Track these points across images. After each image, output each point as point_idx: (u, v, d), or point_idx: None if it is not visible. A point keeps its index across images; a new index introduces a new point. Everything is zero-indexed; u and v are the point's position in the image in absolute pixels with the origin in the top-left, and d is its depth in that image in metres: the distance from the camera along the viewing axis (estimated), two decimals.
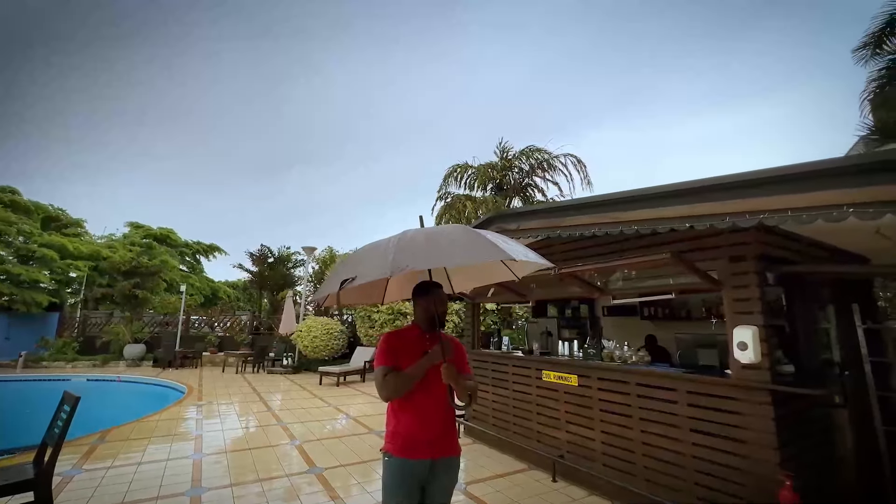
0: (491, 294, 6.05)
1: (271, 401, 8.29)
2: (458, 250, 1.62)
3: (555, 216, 3.56)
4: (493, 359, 5.60)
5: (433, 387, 1.89)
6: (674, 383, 3.42)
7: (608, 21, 58.27)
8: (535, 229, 3.77)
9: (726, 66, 58.00)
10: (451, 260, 1.67)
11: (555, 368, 4.60)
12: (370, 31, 64.12)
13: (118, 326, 16.12)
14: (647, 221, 3.03)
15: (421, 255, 1.56)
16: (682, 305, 6.35)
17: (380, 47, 65.52)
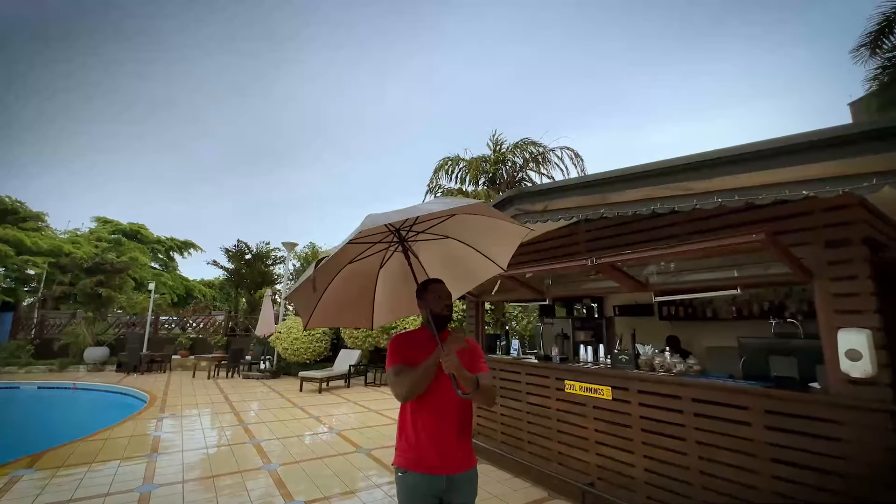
0: (496, 291, 5.31)
1: (245, 412, 7.37)
2: (420, 208, 1.63)
3: (596, 191, 2.85)
4: (502, 365, 4.86)
5: (447, 394, 1.72)
6: (747, 400, 2.74)
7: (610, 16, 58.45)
8: (568, 210, 3.06)
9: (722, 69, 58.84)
10: (409, 213, 1.58)
11: (581, 378, 3.88)
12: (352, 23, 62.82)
13: (79, 328, 14.81)
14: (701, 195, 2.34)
15: (380, 218, 1.52)
16: (705, 304, 5.74)
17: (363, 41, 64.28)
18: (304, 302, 2.05)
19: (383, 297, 2.32)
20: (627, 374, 3.49)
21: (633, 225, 3.54)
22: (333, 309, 2.15)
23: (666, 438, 3.16)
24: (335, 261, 1.95)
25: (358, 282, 2.19)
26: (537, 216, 3.33)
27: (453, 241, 2.14)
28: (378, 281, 2.27)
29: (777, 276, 2.77)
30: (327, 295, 2.09)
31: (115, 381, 10.95)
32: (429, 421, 1.72)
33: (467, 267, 2.25)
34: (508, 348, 5.18)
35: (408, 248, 2.01)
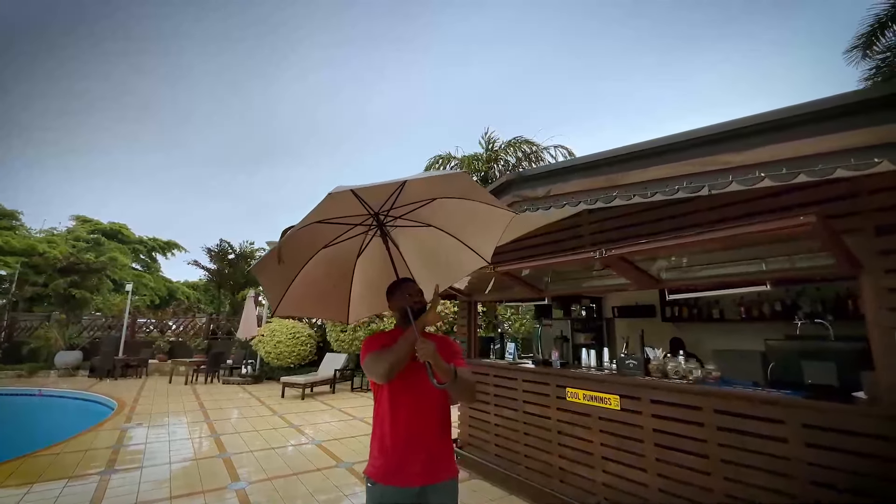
0: (489, 290, 4.92)
1: (219, 420, 6.85)
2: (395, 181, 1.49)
3: (607, 171, 2.46)
4: (496, 371, 4.45)
5: (422, 395, 1.63)
6: (781, 412, 2.37)
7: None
8: (574, 195, 2.67)
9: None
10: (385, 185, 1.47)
11: (585, 386, 3.49)
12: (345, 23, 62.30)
13: (50, 330, 14.06)
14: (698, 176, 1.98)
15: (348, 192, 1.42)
16: (711, 304, 5.41)
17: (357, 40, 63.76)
18: (272, 283, 1.85)
19: (362, 288, 2.12)
20: (638, 381, 3.11)
21: (643, 215, 3.16)
22: (306, 297, 1.96)
23: (684, 455, 2.78)
24: (307, 241, 1.78)
25: (334, 270, 2.01)
26: (539, 203, 2.94)
27: (435, 229, 1.97)
28: (356, 270, 2.08)
29: (813, 270, 2.41)
30: (300, 281, 1.88)
31: (85, 387, 10.30)
32: (405, 422, 1.60)
33: (450, 259, 2.07)
34: (503, 352, 4.78)
35: (387, 232, 1.84)
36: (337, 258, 1.96)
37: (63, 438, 5.55)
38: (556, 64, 67.70)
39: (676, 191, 2.16)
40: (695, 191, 2.10)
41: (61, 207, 51.64)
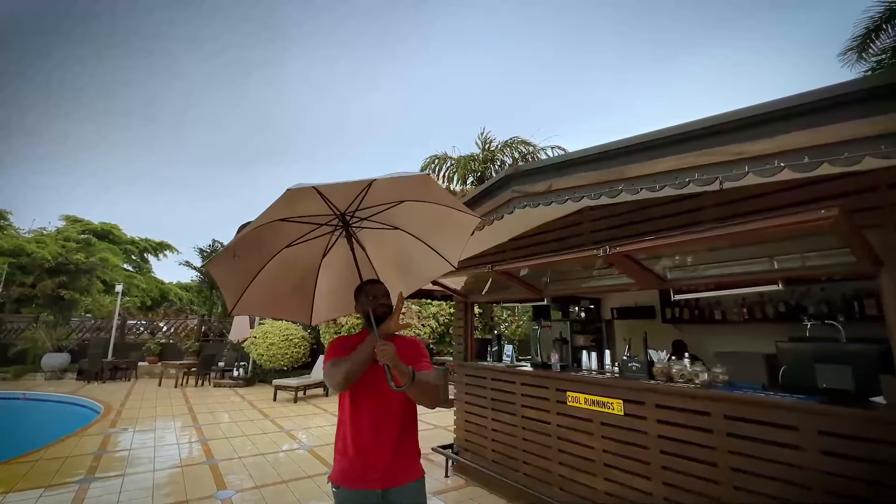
0: (486, 291, 4.78)
1: (208, 425, 6.66)
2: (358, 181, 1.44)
3: (613, 164, 2.33)
4: (494, 374, 4.31)
5: (384, 398, 1.60)
6: (795, 418, 2.25)
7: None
8: (577, 189, 2.54)
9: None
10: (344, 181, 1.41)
11: (586, 390, 3.36)
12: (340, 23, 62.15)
13: (37, 332, 13.76)
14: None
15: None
16: (713, 305, 5.30)
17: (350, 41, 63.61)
18: (229, 281, 1.79)
19: (326, 288, 2.09)
20: (642, 385, 2.98)
21: (648, 211, 3.03)
22: (267, 297, 1.93)
23: (691, 463, 2.65)
24: (268, 239, 1.76)
25: (297, 269, 1.98)
26: (539, 199, 2.81)
27: (402, 232, 1.95)
28: (321, 271, 2.06)
29: (829, 268, 2.30)
30: (261, 279, 1.84)
31: (72, 390, 10.06)
32: (365, 425, 1.59)
33: (417, 262, 2.06)
34: (500, 354, 4.64)
35: (352, 233, 1.81)
36: (300, 258, 1.92)
37: (45, 444, 5.35)
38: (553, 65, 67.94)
39: (687, 183, 2.03)
40: (707, 183, 1.98)
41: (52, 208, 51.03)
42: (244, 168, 71.88)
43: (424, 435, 6.29)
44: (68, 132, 46.87)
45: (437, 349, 11.54)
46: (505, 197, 3.11)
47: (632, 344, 3.79)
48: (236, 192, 68.72)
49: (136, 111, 54.84)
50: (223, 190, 66.86)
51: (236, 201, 66.84)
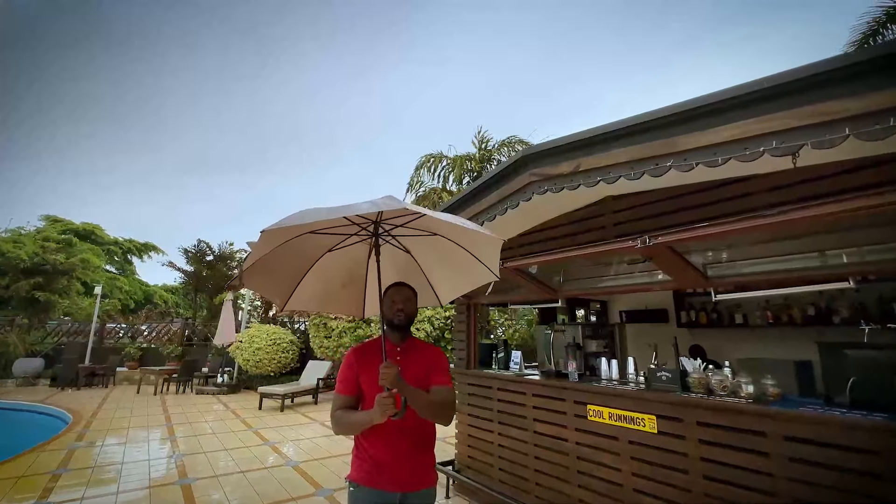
0: (490, 291, 4.37)
1: (185, 437, 6.13)
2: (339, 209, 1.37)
3: (665, 133, 1.93)
4: (500, 383, 3.89)
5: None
6: (879, 443, 1.86)
7: None
8: (612, 168, 2.15)
9: None
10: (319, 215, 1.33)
11: (610, 403, 2.95)
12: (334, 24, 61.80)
13: (9, 336, 13.03)
14: None
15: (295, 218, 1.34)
16: (733, 308, 4.95)
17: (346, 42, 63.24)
18: (272, 285, 1.87)
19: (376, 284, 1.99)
20: (680, 399, 2.58)
21: (682, 200, 2.63)
22: (319, 293, 2.02)
23: (742, 491, 2.25)
24: (308, 245, 1.80)
25: (345, 268, 2.03)
26: (564, 182, 2.41)
27: (443, 238, 1.89)
28: (369, 268, 2.07)
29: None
30: (310, 279, 1.93)
31: (42, 398, 9.42)
32: (384, 431, 1.59)
33: (464, 268, 1.99)
34: (507, 361, 4.23)
35: (383, 241, 1.83)
36: (347, 258, 1.97)
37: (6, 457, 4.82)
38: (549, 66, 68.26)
39: (761, 153, 1.64)
40: (788, 152, 1.59)
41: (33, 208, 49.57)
42: (234, 171, 70.89)
43: None
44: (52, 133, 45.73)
45: None
46: (521, 181, 2.71)
47: (658, 351, 3.38)
48: (225, 195, 67.65)
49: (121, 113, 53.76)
50: (212, 193, 65.80)
51: (225, 205, 65.84)
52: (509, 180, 2.76)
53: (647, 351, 3.99)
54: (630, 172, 2.09)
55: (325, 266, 1.93)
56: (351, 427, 1.60)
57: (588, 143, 2.27)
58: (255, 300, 14.35)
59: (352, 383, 1.67)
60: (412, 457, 1.62)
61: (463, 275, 2.03)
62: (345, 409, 1.64)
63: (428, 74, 70.90)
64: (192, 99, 62.08)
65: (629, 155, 2.09)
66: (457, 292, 2.10)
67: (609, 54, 66.57)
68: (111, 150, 52.48)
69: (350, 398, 1.66)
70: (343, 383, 1.68)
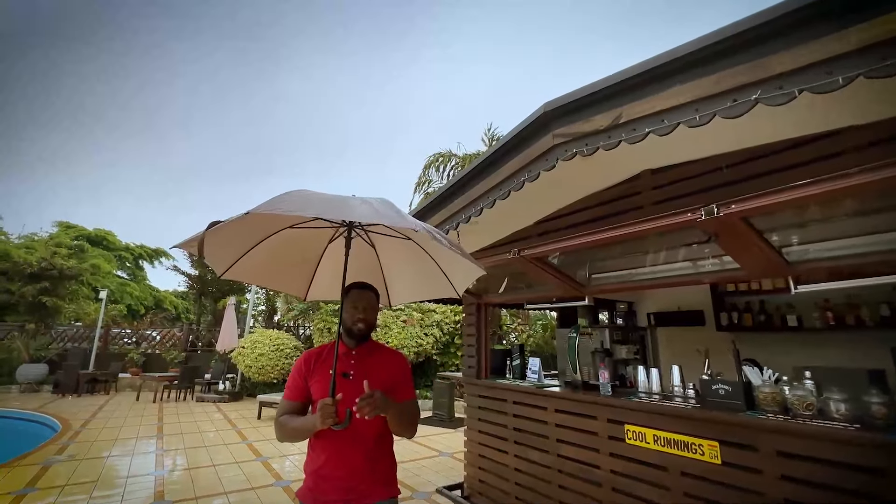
0: (505, 289, 3.84)
1: (173, 450, 5.67)
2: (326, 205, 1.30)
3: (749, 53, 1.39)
4: (517, 396, 3.33)
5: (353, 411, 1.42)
6: None
7: None
8: (672, 110, 1.60)
9: None
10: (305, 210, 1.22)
11: (655, 423, 2.38)
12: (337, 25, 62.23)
13: (14, 341, 12.88)
14: None
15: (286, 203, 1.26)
16: (784, 309, 4.30)
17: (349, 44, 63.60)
18: (220, 249, 1.71)
19: (329, 270, 2.07)
20: (754, 421, 1.99)
21: (746, 167, 2.06)
22: (263, 266, 1.89)
23: None
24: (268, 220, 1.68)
25: (300, 247, 1.93)
26: (600, 139, 1.87)
27: (414, 244, 1.83)
28: (325, 252, 2.02)
29: None
30: (259, 250, 1.79)
31: (38, 405, 9.10)
32: (333, 440, 1.47)
33: (426, 276, 1.95)
34: (523, 370, 3.66)
35: (356, 235, 1.74)
36: (305, 238, 1.87)
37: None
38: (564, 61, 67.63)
39: None
40: None
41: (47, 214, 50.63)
42: (246, 177, 71.65)
43: (427, 464, 5.28)
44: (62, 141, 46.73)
45: (441, 360, 10.53)
46: (542, 146, 2.18)
47: (708, 359, 2.78)
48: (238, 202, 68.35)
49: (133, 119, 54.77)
50: (223, 200, 66.50)
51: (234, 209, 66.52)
52: (528, 144, 2.23)
53: (684, 358, 3.40)
54: (694, 116, 1.54)
55: (281, 241, 1.80)
56: (293, 433, 1.49)
57: (634, 83, 1.72)
58: (259, 304, 14.00)
59: (299, 389, 1.56)
60: (367, 463, 1.49)
61: (422, 284, 1.99)
62: (289, 415, 1.53)
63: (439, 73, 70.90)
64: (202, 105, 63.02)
65: (694, 91, 1.54)
66: (410, 298, 2.08)
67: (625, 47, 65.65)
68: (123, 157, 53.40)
69: (296, 404, 1.55)
70: (290, 389, 1.58)
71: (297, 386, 1.56)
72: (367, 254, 1.95)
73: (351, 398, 1.40)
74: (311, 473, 1.51)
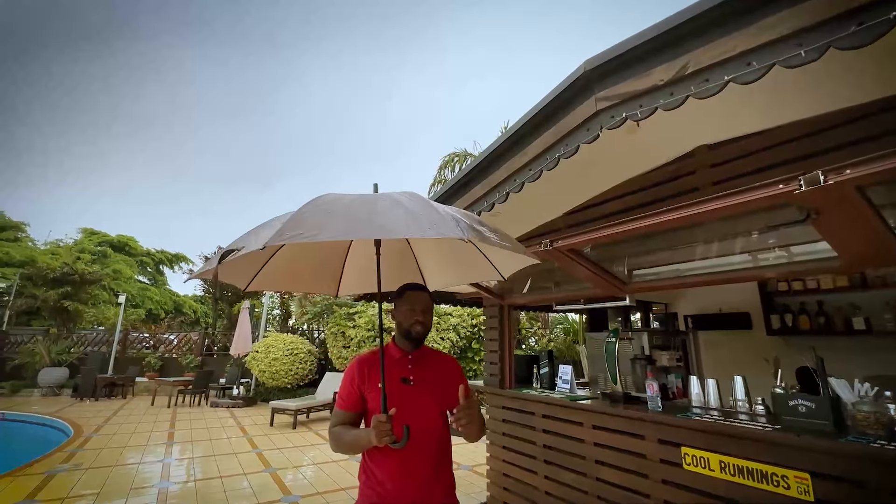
0: (529, 288, 3.47)
1: (181, 460, 5.45)
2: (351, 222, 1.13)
3: None
4: (546, 409, 2.95)
5: (417, 419, 1.39)
6: None
7: None
8: (759, 50, 1.24)
9: None
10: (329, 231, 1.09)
11: (720, 446, 1.97)
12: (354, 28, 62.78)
13: (37, 346, 13.05)
14: None
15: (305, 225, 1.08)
16: (847, 311, 3.81)
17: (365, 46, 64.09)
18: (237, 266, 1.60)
19: (357, 265, 1.93)
20: (860, 449, 1.58)
21: (842, 130, 1.66)
22: (288, 271, 1.81)
23: None
24: None
25: (323, 247, 1.85)
26: (657, 97, 1.50)
27: None
28: (351, 248, 1.89)
29: None
30: (280, 258, 1.71)
31: (55, 410, 9.08)
32: (393, 458, 1.38)
33: (464, 261, 1.82)
34: (552, 379, 3.28)
35: None
36: None
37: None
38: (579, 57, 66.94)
39: None
40: None
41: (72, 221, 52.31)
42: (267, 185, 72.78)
43: None
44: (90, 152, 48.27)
45: None
46: (582, 114, 1.81)
47: (779, 368, 2.36)
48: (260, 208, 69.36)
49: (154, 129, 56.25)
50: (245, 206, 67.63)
51: (261, 217, 67.41)
52: (565, 113, 1.87)
53: (730, 366, 2.97)
54: (798, 51, 1.16)
55: (301, 244, 1.71)
56: (348, 447, 1.42)
57: (708, 19, 1.35)
58: (274, 308, 13.88)
59: (353, 398, 1.48)
60: (432, 477, 1.41)
61: (463, 269, 1.87)
62: (344, 426, 1.46)
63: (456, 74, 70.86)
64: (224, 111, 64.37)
65: (793, 21, 1.16)
66: (447, 285, 1.96)
67: None
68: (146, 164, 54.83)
69: (350, 414, 1.47)
70: (343, 398, 1.50)
71: (350, 394, 1.47)
72: (398, 241, 1.82)
73: (412, 405, 1.39)
74: (372, 491, 1.40)
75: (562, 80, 1.89)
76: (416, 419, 1.39)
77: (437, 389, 1.46)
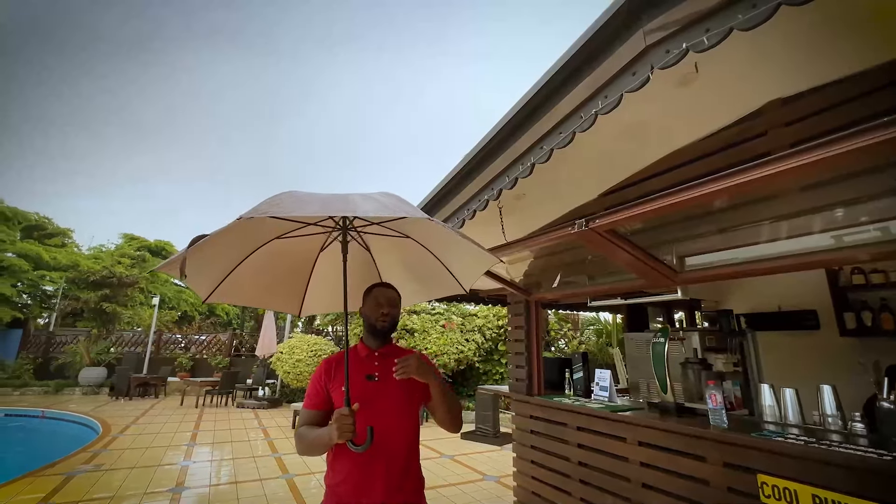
0: (559, 283, 3.08)
1: (199, 463, 5.34)
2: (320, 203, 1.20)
3: None
4: (582, 420, 2.55)
5: (383, 417, 1.37)
6: None
7: None
8: None
9: None
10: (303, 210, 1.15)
11: (812, 475, 1.53)
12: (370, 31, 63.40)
13: (79, 346, 13.61)
14: None
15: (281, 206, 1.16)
16: None
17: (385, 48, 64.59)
18: (204, 271, 1.60)
19: (321, 282, 1.92)
20: None
21: None
22: (251, 285, 1.77)
23: None
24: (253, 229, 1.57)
25: (289, 260, 1.81)
26: (729, 17, 1.12)
27: (413, 241, 1.73)
28: (317, 263, 1.88)
29: None
30: (245, 268, 1.68)
31: (90, 409, 9.32)
32: (352, 459, 1.33)
33: (427, 275, 1.86)
34: (588, 385, 2.87)
35: (351, 239, 1.65)
36: (293, 250, 1.75)
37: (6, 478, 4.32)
38: None
39: None
40: None
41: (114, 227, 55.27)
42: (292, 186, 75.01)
43: (470, 490, 4.48)
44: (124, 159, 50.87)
45: (484, 369, 9.76)
46: (625, 54, 1.45)
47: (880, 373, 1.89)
48: None
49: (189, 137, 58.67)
50: None
51: None
52: (604, 57, 1.50)
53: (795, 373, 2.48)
54: None
55: (268, 254, 1.68)
56: (311, 446, 1.36)
57: None
58: None
59: (320, 397, 1.45)
60: (399, 477, 1.35)
61: (423, 283, 1.90)
62: (308, 426, 1.41)
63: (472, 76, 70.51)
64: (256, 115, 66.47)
65: None
66: (413, 299, 1.95)
67: None
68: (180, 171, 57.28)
69: (317, 413, 1.44)
70: (310, 397, 1.47)
71: (316, 393, 1.46)
72: (361, 256, 1.84)
73: (378, 401, 1.38)
74: (335, 490, 1.36)
75: (593, 22, 1.53)
76: (383, 416, 1.37)
77: (405, 384, 1.41)
